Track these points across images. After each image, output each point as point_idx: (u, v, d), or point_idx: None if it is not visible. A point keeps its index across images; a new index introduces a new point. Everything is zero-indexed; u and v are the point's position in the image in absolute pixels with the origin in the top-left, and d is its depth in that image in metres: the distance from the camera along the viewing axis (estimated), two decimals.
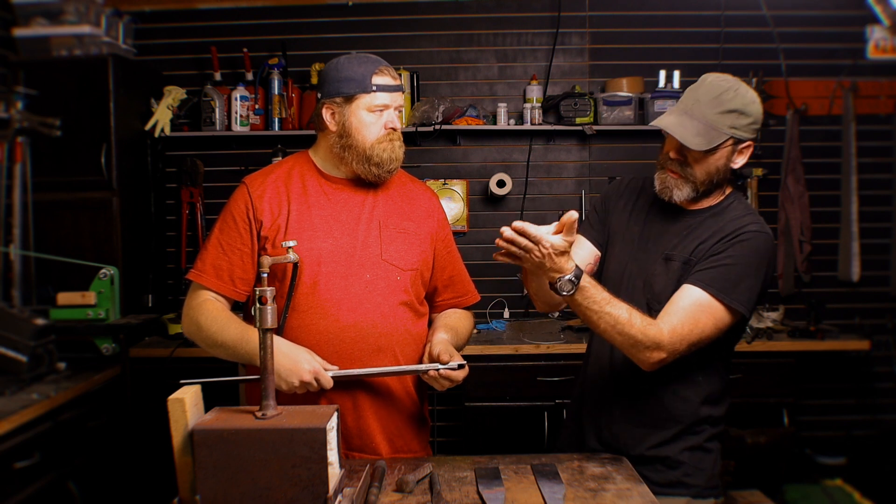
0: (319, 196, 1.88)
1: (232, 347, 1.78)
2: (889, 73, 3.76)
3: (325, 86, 1.85)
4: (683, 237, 1.79)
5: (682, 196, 1.77)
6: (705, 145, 1.69)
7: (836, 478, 3.35)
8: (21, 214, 3.17)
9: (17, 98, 3.15)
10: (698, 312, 1.66)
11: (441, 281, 2.01)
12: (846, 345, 3.43)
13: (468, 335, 2.03)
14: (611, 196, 1.98)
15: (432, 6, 3.83)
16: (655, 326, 1.64)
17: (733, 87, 1.72)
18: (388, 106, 1.84)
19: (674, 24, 3.79)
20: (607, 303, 1.62)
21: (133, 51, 3.70)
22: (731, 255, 1.69)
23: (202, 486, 1.33)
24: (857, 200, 3.74)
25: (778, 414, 3.29)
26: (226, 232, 1.86)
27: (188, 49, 3.83)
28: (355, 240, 1.85)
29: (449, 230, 2.06)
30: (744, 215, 1.77)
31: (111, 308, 3.18)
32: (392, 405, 1.89)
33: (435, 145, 3.84)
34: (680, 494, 1.78)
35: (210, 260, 1.85)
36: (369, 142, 1.83)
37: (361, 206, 1.89)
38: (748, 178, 3.69)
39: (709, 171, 1.74)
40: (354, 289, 1.82)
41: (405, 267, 1.88)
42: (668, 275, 1.77)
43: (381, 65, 1.84)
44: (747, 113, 1.71)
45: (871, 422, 3.77)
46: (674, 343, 1.63)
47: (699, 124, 1.70)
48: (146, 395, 3.21)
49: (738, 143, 1.73)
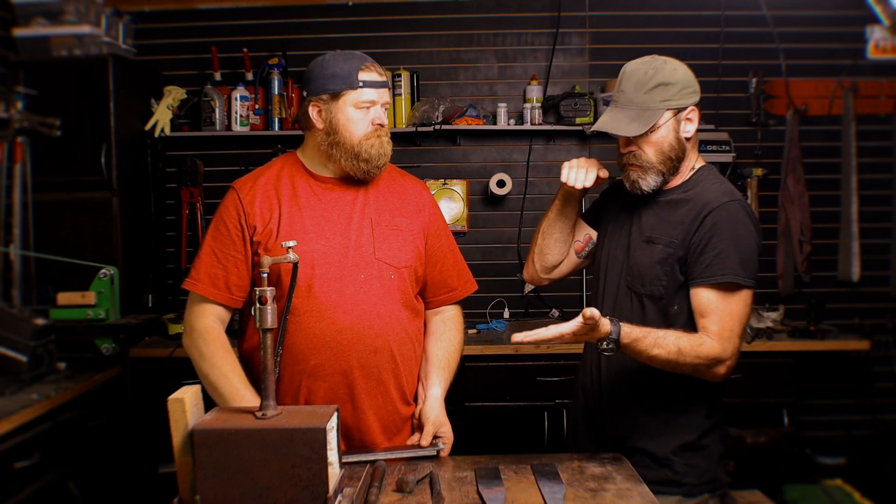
0: (310, 197, 1.87)
1: (221, 390, 1.78)
2: (889, 73, 3.76)
3: (311, 83, 1.85)
4: (660, 218, 1.81)
5: (650, 185, 1.79)
6: (643, 128, 1.72)
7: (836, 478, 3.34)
8: (21, 214, 3.17)
9: (17, 98, 3.15)
10: (730, 305, 1.69)
11: (431, 276, 1.99)
12: (846, 345, 3.43)
13: (459, 355, 2.02)
14: (607, 192, 2.03)
15: (432, 6, 3.83)
16: (705, 343, 1.66)
17: (651, 66, 1.75)
18: (375, 102, 1.84)
19: (674, 24, 3.78)
20: (654, 346, 1.64)
21: (133, 51, 3.70)
22: (720, 238, 1.70)
23: (202, 486, 1.33)
24: (857, 200, 3.73)
25: (778, 414, 3.29)
26: (219, 239, 1.86)
27: (188, 49, 3.83)
28: (348, 240, 1.84)
29: (441, 222, 2.03)
30: (713, 186, 1.79)
31: (111, 308, 3.18)
32: (391, 405, 1.90)
33: (435, 145, 3.84)
34: (671, 493, 1.78)
35: (204, 269, 1.85)
36: (357, 138, 1.82)
37: (352, 205, 1.88)
38: (748, 178, 3.69)
39: (662, 151, 1.76)
40: (349, 290, 1.82)
41: (399, 265, 1.88)
42: (652, 256, 1.78)
43: (366, 61, 1.83)
44: (672, 82, 1.73)
45: (871, 422, 3.77)
46: (727, 346, 1.67)
47: (631, 111, 1.73)
48: (146, 395, 3.21)
49: (678, 112, 1.75)
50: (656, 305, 1.77)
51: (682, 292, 1.76)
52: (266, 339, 1.42)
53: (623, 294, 1.84)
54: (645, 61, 1.77)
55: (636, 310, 1.80)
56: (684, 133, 1.77)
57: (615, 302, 1.85)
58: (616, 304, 1.85)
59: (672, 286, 1.76)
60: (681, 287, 1.76)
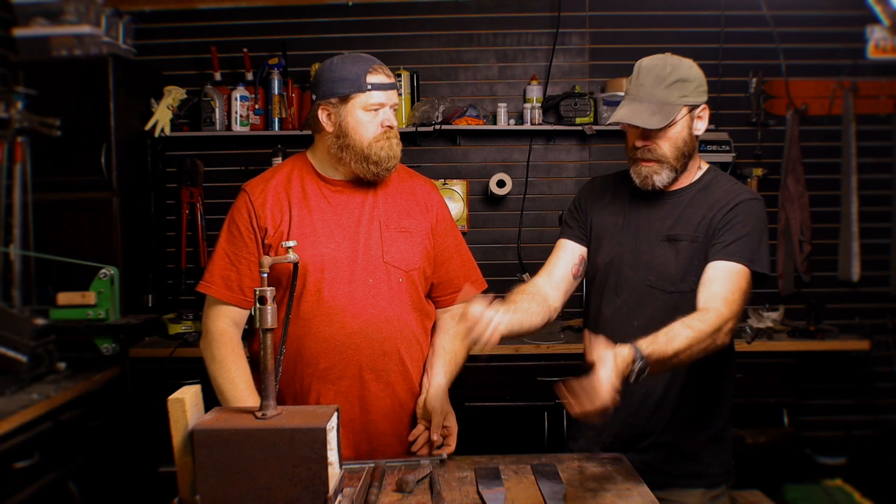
0: (319, 200, 1.87)
1: (218, 394, 1.81)
2: (889, 73, 3.76)
3: (320, 87, 1.85)
4: (678, 217, 1.81)
5: (663, 180, 1.79)
6: (665, 121, 1.73)
7: (836, 478, 3.34)
8: (21, 214, 3.17)
9: (17, 98, 3.15)
10: (738, 280, 1.69)
11: (438, 277, 2.00)
12: (846, 345, 3.43)
13: (467, 351, 1.99)
14: (586, 197, 1.99)
15: (432, 6, 3.83)
16: (711, 311, 1.62)
17: (668, 62, 1.77)
18: (384, 104, 1.84)
19: (674, 24, 3.78)
20: (668, 342, 1.54)
21: (133, 51, 3.70)
22: (744, 225, 1.73)
23: (202, 486, 1.33)
24: (857, 200, 3.73)
25: (778, 414, 3.29)
26: (232, 242, 1.87)
27: (188, 49, 3.82)
28: (357, 243, 1.85)
29: (449, 222, 2.03)
30: (733, 185, 1.83)
31: (111, 308, 3.18)
32: (400, 407, 1.90)
33: (435, 145, 3.84)
34: (695, 486, 1.79)
35: (218, 271, 1.86)
36: (367, 141, 1.82)
37: (361, 208, 1.88)
38: (748, 178, 3.69)
39: (677, 146, 1.77)
40: (358, 294, 1.82)
41: (407, 268, 1.88)
42: (677, 254, 1.78)
43: (374, 63, 1.84)
44: (689, 79, 1.76)
45: (871, 422, 3.77)
46: (732, 310, 1.65)
47: (651, 105, 1.74)
48: (146, 395, 3.21)
49: (692, 110, 1.77)
50: (686, 302, 1.74)
51: None
52: (266, 339, 1.42)
53: (648, 295, 1.80)
54: (661, 58, 1.79)
55: (666, 309, 1.76)
56: (696, 130, 1.80)
57: (638, 303, 1.81)
58: (640, 305, 1.81)
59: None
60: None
